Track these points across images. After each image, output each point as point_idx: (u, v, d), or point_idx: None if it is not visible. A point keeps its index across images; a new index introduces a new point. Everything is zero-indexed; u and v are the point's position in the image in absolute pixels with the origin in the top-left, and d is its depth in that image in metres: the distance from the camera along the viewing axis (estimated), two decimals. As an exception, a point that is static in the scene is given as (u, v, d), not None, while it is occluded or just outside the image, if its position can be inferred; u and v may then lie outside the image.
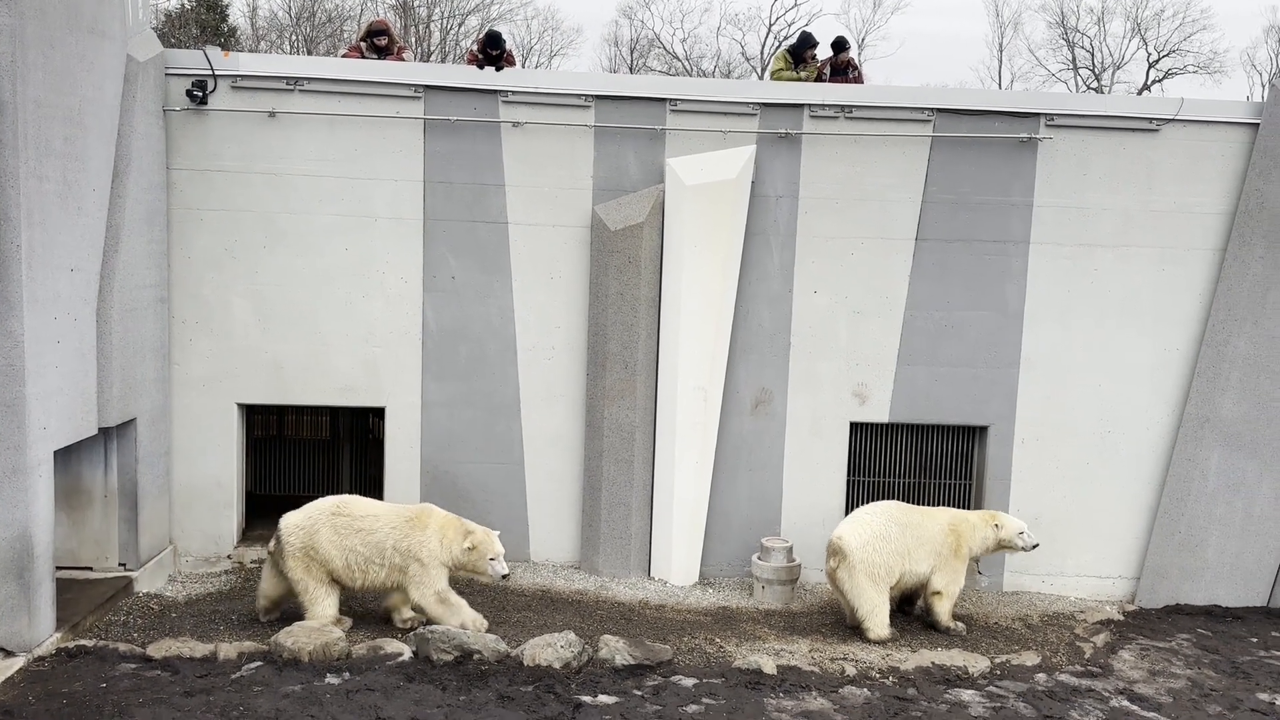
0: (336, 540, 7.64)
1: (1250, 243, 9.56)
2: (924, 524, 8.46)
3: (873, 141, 9.66)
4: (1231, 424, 9.65)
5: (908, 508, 8.68)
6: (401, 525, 7.69)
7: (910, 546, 8.34)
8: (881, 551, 8.28)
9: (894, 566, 8.29)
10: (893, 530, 8.37)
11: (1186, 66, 37.58)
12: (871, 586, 8.23)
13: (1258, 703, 7.10)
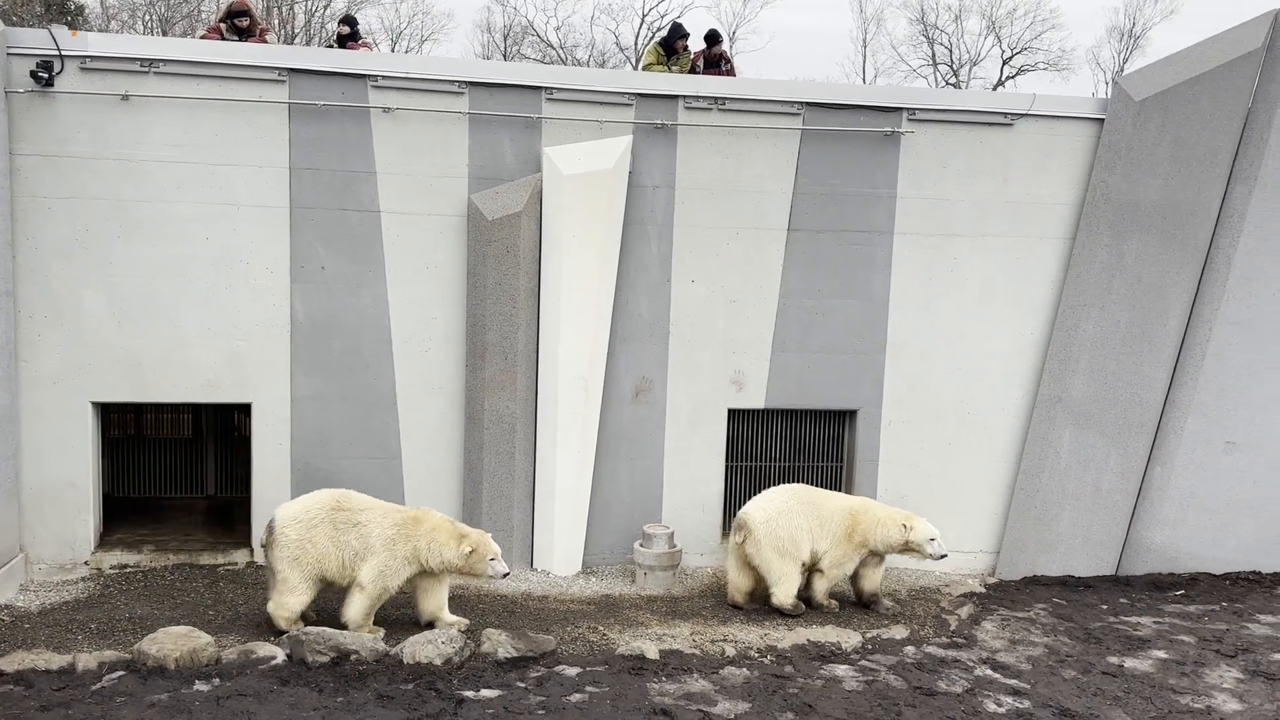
0: (335, 535, 7.46)
1: (1096, 232, 10.15)
2: (826, 505, 8.68)
3: (746, 134, 9.84)
4: (1081, 403, 10.25)
5: (813, 490, 8.91)
6: (394, 524, 7.54)
7: (813, 525, 8.58)
8: (785, 525, 8.52)
9: (801, 541, 8.53)
10: (795, 506, 8.62)
11: (1037, 64, 39.58)
12: (778, 558, 8.50)
13: (1109, 665, 7.58)
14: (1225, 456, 10.23)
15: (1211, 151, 10.01)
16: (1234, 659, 7.77)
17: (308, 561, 7.46)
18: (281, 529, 7.48)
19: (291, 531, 7.47)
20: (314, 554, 7.46)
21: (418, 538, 7.52)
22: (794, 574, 8.56)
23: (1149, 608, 9.15)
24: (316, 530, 7.47)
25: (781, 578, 8.55)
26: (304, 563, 7.45)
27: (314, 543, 7.46)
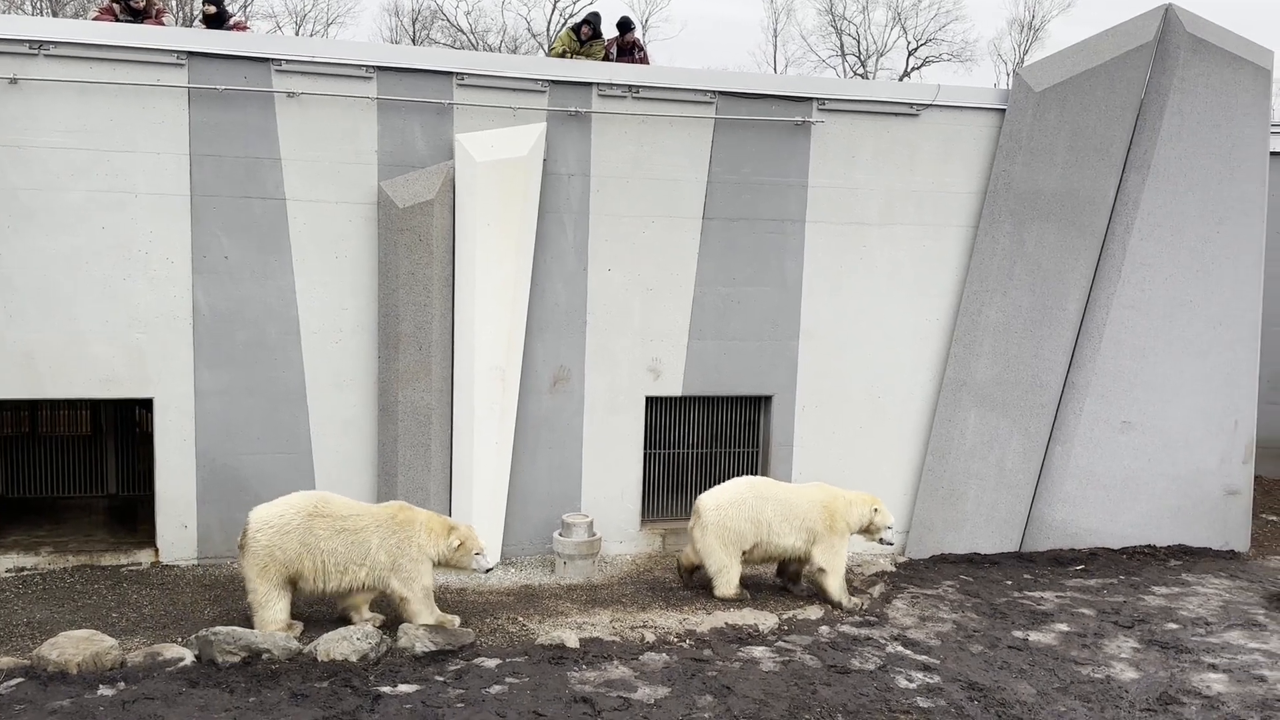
0: (312, 543, 7.19)
1: (999, 220, 10.46)
2: (790, 499, 8.60)
3: (660, 122, 9.85)
4: (985, 386, 10.57)
5: (774, 483, 8.89)
6: (387, 524, 7.37)
7: (770, 518, 8.52)
8: (734, 517, 8.52)
9: (746, 532, 8.52)
10: (749, 498, 8.60)
11: (942, 55, 40.56)
12: (720, 548, 8.53)
13: (1014, 639, 7.85)
14: (1121, 435, 10.67)
15: (1107, 141, 10.40)
16: (1131, 630, 8.13)
17: (275, 567, 7.20)
18: (254, 533, 7.21)
19: (263, 536, 7.20)
20: (282, 559, 7.20)
21: (417, 534, 7.43)
22: (733, 565, 8.59)
23: (1051, 583, 9.50)
24: (289, 536, 7.20)
25: (721, 568, 8.57)
26: (270, 569, 7.20)
27: (285, 548, 7.19)
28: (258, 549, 7.20)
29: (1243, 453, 11.11)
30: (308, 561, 7.23)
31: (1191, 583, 9.59)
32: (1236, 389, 10.98)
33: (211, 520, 9.29)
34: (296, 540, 7.21)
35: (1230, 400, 10.95)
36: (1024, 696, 6.78)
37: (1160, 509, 10.83)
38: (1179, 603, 8.91)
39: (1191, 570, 10.06)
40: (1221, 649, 7.73)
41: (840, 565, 8.45)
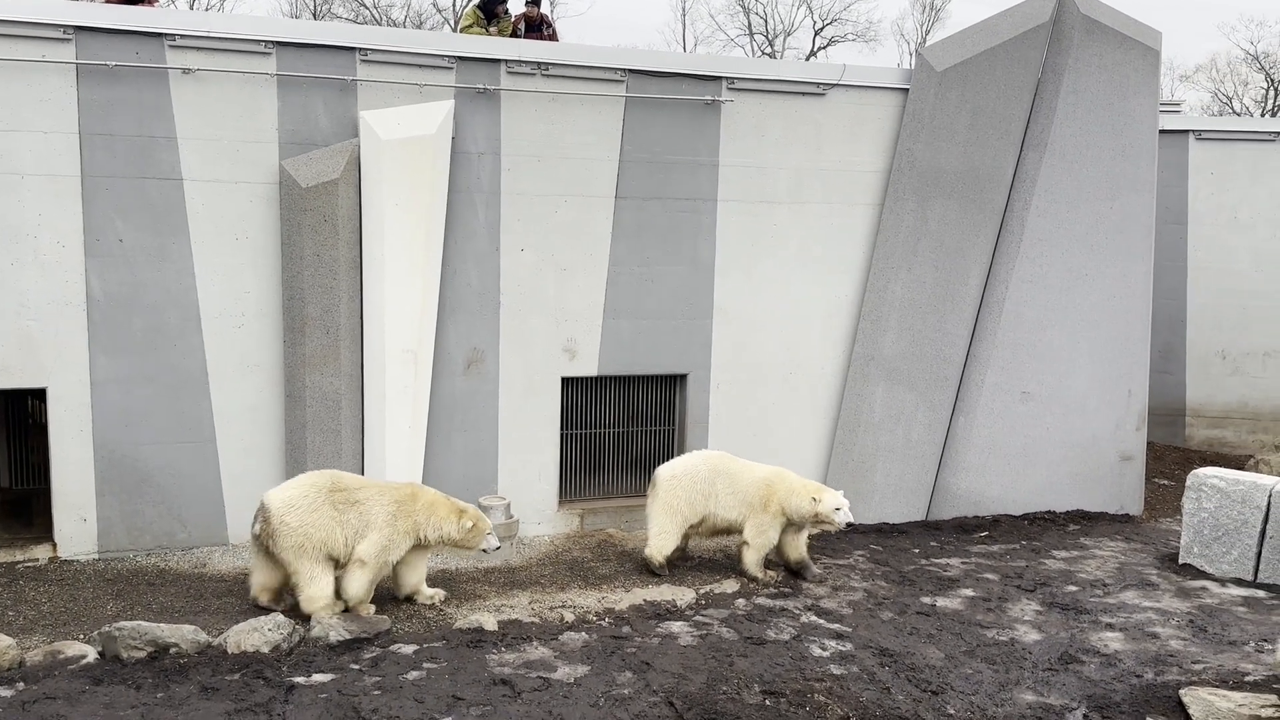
0: (334, 515, 7.28)
1: (903, 198, 10.69)
2: (740, 475, 8.66)
3: (570, 100, 9.78)
4: (892, 360, 10.82)
5: (730, 458, 8.89)
6: (394, 503, 7.46)
7: (720, 491, 8.61)
8: (682, 488, 8.61)
9: (695, 504, 8.62)
10: (703, 472, 8.67)
11: (847, 35, 41.16)
12: (664, 516, 8.65)
13: (922, 605, 8.09)
14: (1021, 405, 11.05)
15: (1006, 120, 10.70)
16: (1033, 593, 8.45)
17: (311, 545, 7.22)
18: (282, 515, 7.19)
19: (292, 518, 7.19)
20: (319, 538, 7.23)
21: (416, 513, 7.49)
22: (671, 534, 8.68)
23: (957, 549, 9.81)
24: (318, 513, 7.25)
25: (659, 533, 8.72)
26: (307, 547, 7.21)
27: (318, 526, 7.23)
28: (290, 529, 7.18)
29: (1136, 420, 11.62)
30: (339, 535, 7.29)
31: (1089, 546, 10.00)
32: (1130, 359, 11.46)
33: (112, 513, 8.97)
34: (326, 516, 7.28)
35: (1124, 370, 11.42)
36: (933, 660, 6.99)
37: (1059, 475, 11.26)
38: (1078, 565, 9.29)
39: (1089, 534, 10.49)
40: (1118, 609, 8.09)
41: (762, 543, 8.52)
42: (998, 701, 6.48)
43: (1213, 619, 7.83)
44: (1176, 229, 15.25)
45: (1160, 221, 13.28)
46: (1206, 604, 8.20)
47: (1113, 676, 6.78)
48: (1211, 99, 45.36)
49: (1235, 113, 42.91)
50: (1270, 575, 8.63)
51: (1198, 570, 9.04)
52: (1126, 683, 6.68)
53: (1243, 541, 8.83)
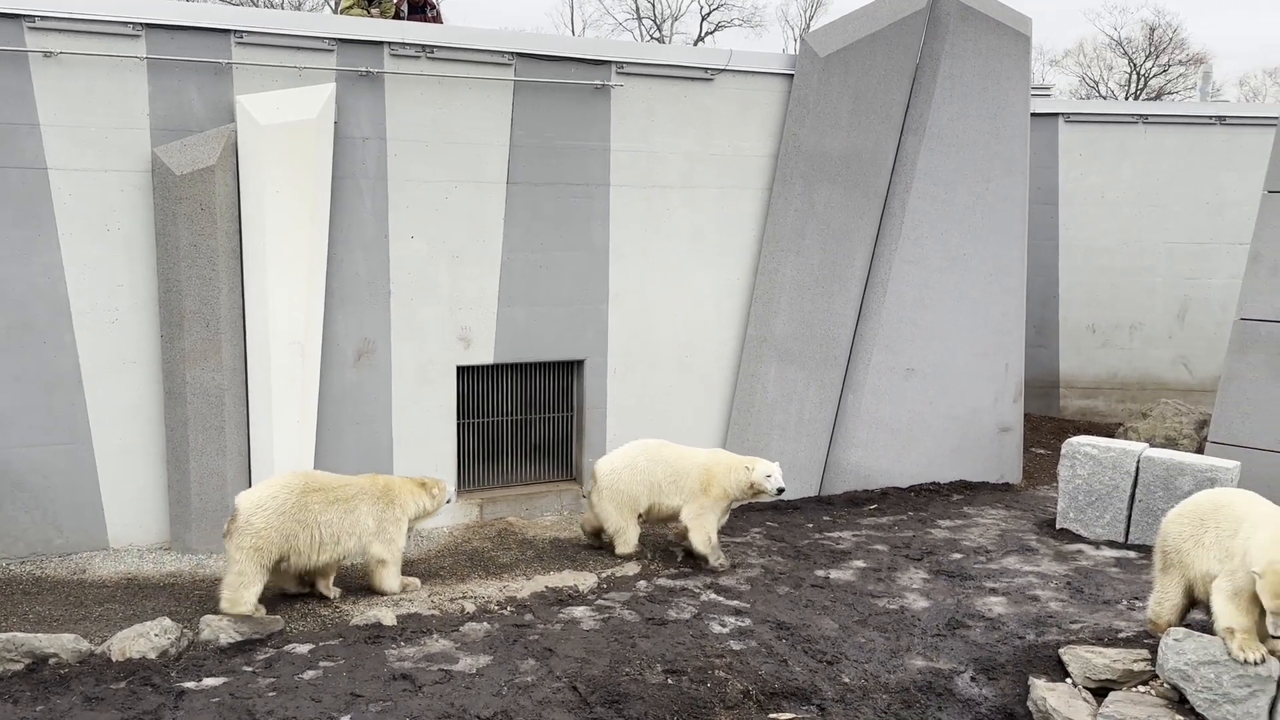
0: (306, 518, 7.37)
1: (791, 181, 10.89)
2: (679, 461, 8.67)
3: (458, 84, 9.63)
4: (783, 341, 11.04)
5: (668, 446, 8.88)
6: (379, 499, 7.76)
7: (661, 480, 8.62)
8: (626, 480, 8.64)
9: (639, 495, 8.65)
10: (642, 462, 8.68)
11: (733, 20, 41.58)
12: (615, 510, 8.71)
13: (816, 578, 8.30)
14: (905, 382, 11.41)
15: (886, 105, 10.99)
16: (920, 562, 8.76)
17: (269, 549, 7.26)
18: (249, 516, 7.24)
19: (259, 519, 7.24)
20: (277, 540, 7.27)
21: (400, 498, 7.84)
22: (630, 525, 8.77)
23: (848, 522, 10.09)
24: (285, 516, 7.31)
25: (619, 529, 8.79)
26: (265, 551, 7.24)
27: (281, 529, 7.29)
28: (254, 530, 7.21)
29: (1013, 393, 12.14)
30: (304, 536, 7.38)
31: (972, 515, 10.42)
32: (1006, 335, 11.95)
33: (-22, 522, 8.50)
34: (293, 519, 7.33)
35: (1001, 345, 11.91)
36: (827, 631, 7.19)
37: (942, 448, 11.69)
38: (962, 534, 9.66)
39: (972, 503, 10.92)
40: (1000, 574, 8.45)
41: (704, 525, 8.50)
42: (890, 668, 6.70)
43: (1088, 580, 8.25)
44: (1048, 209, 15.96)
45: (1033, 202, 13.86)
46: (1082, 566, 8.64)
47: (997, 639, 7.09)
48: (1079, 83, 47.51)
49: (1102, 96, 45.06)
50: (1140, 537, 9.14)
51: (1074, 534, 9.51)
52: (1010, 644, 6.99)
53: (1114, 505, 9.32)
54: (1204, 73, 35.64)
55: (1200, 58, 45.02)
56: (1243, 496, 6.27)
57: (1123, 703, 6.00)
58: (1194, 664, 5.80)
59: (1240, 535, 5.91)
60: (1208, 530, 6.16)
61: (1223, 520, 6.11)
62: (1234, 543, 5.93)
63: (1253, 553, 5.69)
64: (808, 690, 6.43)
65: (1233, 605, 5.78)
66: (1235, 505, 6.16)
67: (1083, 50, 48.33)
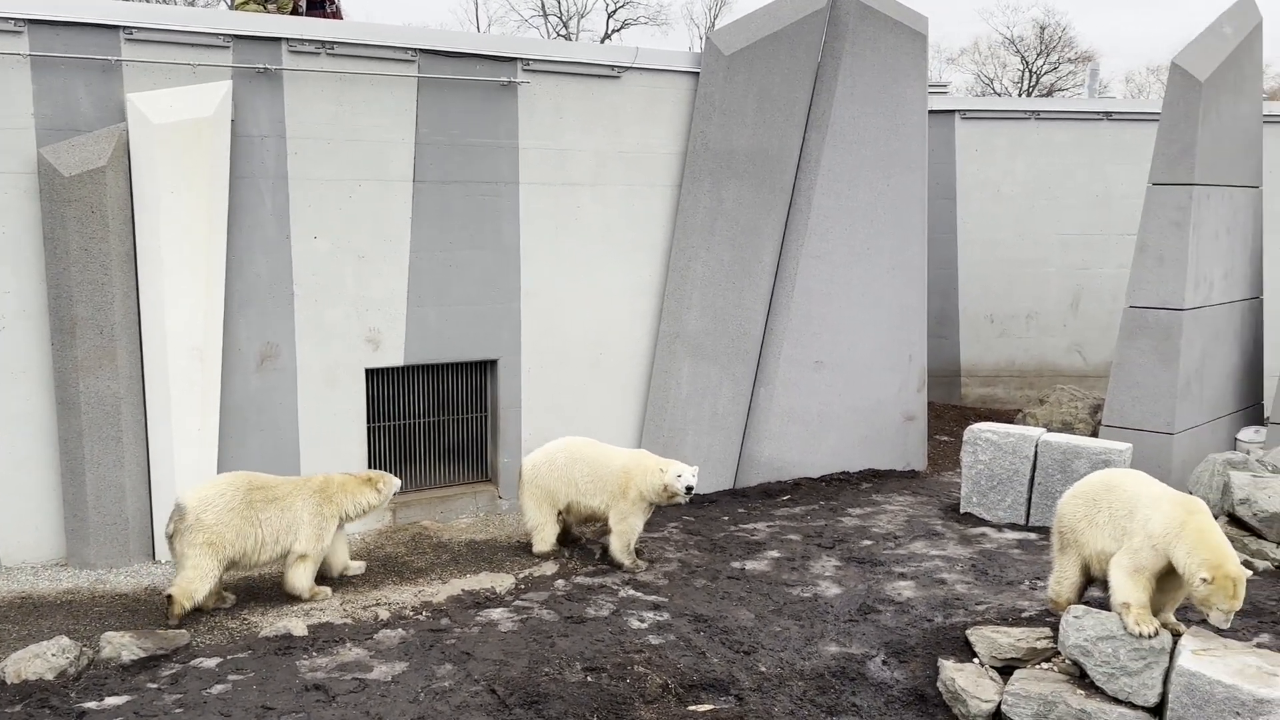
0: (251, 515, 7.46)
1: (699, 179, 10.98)
2: (601, 461, 8.63)
3: (360, 80, 9.45)
4: (696, 337, 11.14)
5: (592, 445, 8.85)
6: (314, 495, 7.78)
7: (579, 478, 8.63)
8: (546, 476, 8.69)
9: (558, 492, 8.71)
10: (561, 460, 8.71)
11: (639, 18, 41.71)
12: (534, 506, 8.78)
13: (733, 570, 8.41)
14: (815, 374, 11.63)
15: (790, 102, 11.17)
16: (832, 550, 8.94)
17: (222, 546, 7.35)
18: (200, 514, 7.29)
19: (209, 516, 7.31)
20: (229, 538, 7.36)
21: (335, 495, 7.86)
22: (548, 523, 8.79)
23: (763, 514, 10.25)
24: (234, 514, 7.40)
25: (536, 526, 8.83)
26: (219, 549, 7.34)
27: (231, 525, 7.38)
28: (206, 526, 7.28)
29: (917, 382, 12.48)
30: (251, 535, 7.47)
31: (881, 502, 10.68)
32: (909, 326, 12.27)
33: None
34: (241, 516, 7.42)
35: (904, 337, 12.22)
36: (744, 622, 7.29)
37: (851, 438, 11.94)
38: (871, 521, 9.90)
39: (880, 491, 11.19)
40: (909, 559, 8.68)
41: (625, 529, 8.47)
42: (805, 655, 6.83)
43: (992, 562, 8.54)
44: (947, 203, 16.44)
45: (932, 197, 14.25)
46: (986, 549, 8.93)
47: (907, 622, 7.28)
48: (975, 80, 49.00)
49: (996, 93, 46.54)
50: (1040, 518, 9.49)
51: (977, 518, 9.83)
52: (919, 627, 7.19)
53: (1015, 489, 9.66)
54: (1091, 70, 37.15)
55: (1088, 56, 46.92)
56: (1132, 477, 6.57)
57: (1027, 680, 6.23)
58: (1093, 639, 6.06)
59: (1138, 516, 6.16)
60: (1100, 510, 6.43)
61: (1115, 500, 6.38)
62: (1131, 523, 6.19)
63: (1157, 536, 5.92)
64: (725, 681, 6.51)
65: (1131, 582, 6.05)
66: (1126, 486, 6.44)
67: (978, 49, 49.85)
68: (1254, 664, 5.64)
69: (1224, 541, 5.86)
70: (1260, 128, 12.49)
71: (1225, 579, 5.66)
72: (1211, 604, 5.71)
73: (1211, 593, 5.68)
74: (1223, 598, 5.67)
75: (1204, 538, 5.80)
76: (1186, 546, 5.80)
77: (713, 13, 42.39)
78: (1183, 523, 5.89)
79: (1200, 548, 5.76)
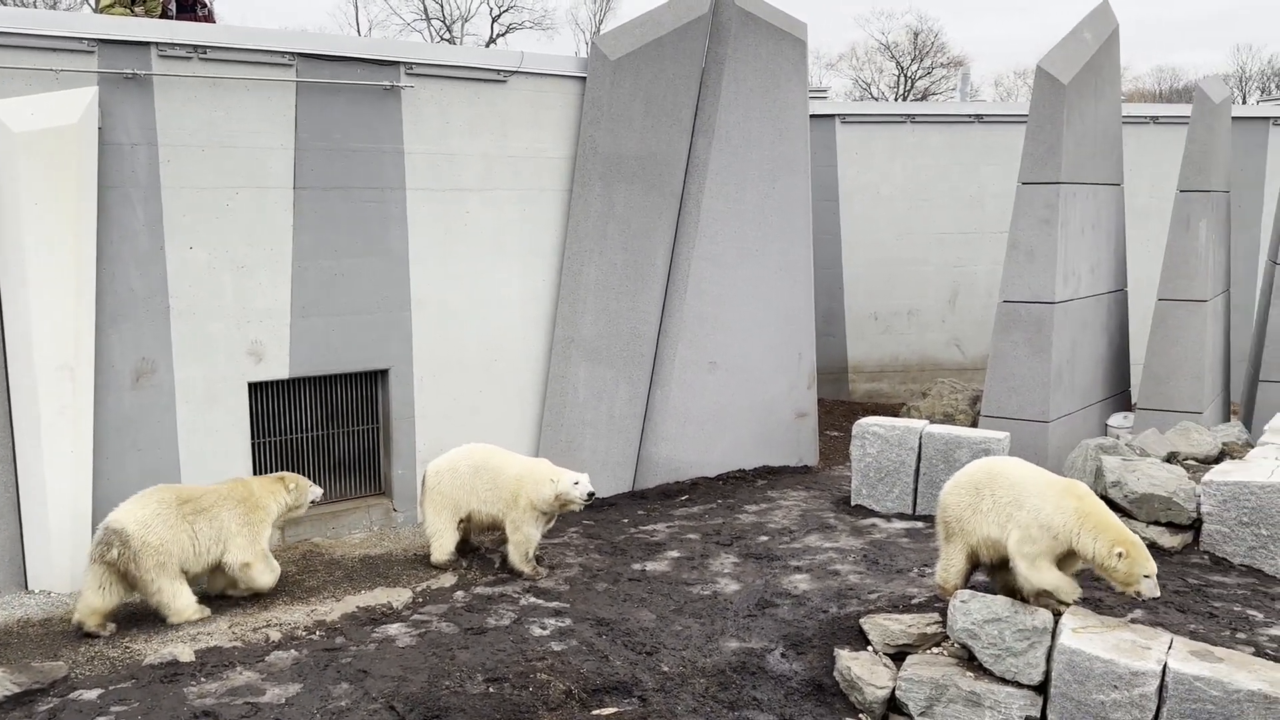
0: (187, 528, 7.56)
1: (589, 183, 11.00)
2: (501, 470, 8.54)
3: (235, 85, 9.16)
4: (591, 340, 11.15)
5: (494, 453, 8.73)
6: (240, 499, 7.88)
7: (479, 486, 8.54)
8: (448, 484, 8.63)
9: (460, 500, 8.61)
10: (463, 468, 8.62)
11: (524, 22, 41.52)
12: (433, 514, 8.70)
13: (633, 572, 8.44)
14: (709, 375, 11.78)
15: (677, 107, 11.29)
16: (730, 547, 9.07)
17: (171, 562, 7.47)
18: (142, 534, 7.35)
19: (149, 535, 7.38)
20: (174, 553, 7.47)
21: (261, 499, 7.97)
22: (448, 531, 8.69)
23: (662, 514, 10.32)
24: (175, 529, 7.50)
25: (436, 534, 8.74)
26: (168, 565, 7.45)
27: (176, 541, 7.50)
28: (154, 548, 7.37)
29: (807, 380, 12.76)
30: (189, 546, 7.57)
31: (775, 498, 10.87)
32: (798, 326, 12.55)
33: None
34: (179, 530, 7.52)
35: (794, 336, 12.49)
36: (646, 623, 7.33)
37: (745, 436, 12.14)
38: (767, 517, 10.07)
39: (775, 487, 11.40)
40: (803, 552, 8.87)
41: (521, 539, 8.38)
42: (706, 653, 6.91)
43: (882, 552, 8.79)
44: (830, 205, 16.87)
45: (817, 199, 14.60)
46: (876, 539, 9.19)
47: (803, 614, 7.44)
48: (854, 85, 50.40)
49: (874, 98, 47.99)
50: (926, 508, 9.82)
51: (867, 509, 10.11)
52: (815, 619, 7.35)
53: (902, 480, 9.96)
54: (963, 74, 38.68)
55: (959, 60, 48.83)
56: (1012, 464, 6.83)
57: (919, 665, 6.43)
58: (979, 622, 6.30)
59: (1027, 506, 6.38)
60: (984, 498, 6.67)
61: (998, 489, 6.61)
62: (1020, 512, 6.39)
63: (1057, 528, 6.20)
64: (629, 683, 6.53)
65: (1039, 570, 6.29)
66: (1008, 474, 6.68)
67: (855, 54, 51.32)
68: (1129, 639, 5.96)
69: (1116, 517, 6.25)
70: (1120, 128, 13.20)
71: (1137, 549, 6.03)
72: (1135, 576, 6.02)
73: (1131, 565, 6.00)
74: (1143, 565, 6.02)
75: (1103, 520, 6.14)
76: (1090, 534, 6.10)
77: (598, 17, 42.55)
78: (1077, 510, 6.19)
79: (1104, 530, 6.09)
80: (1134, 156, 16.04)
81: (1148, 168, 17.20)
